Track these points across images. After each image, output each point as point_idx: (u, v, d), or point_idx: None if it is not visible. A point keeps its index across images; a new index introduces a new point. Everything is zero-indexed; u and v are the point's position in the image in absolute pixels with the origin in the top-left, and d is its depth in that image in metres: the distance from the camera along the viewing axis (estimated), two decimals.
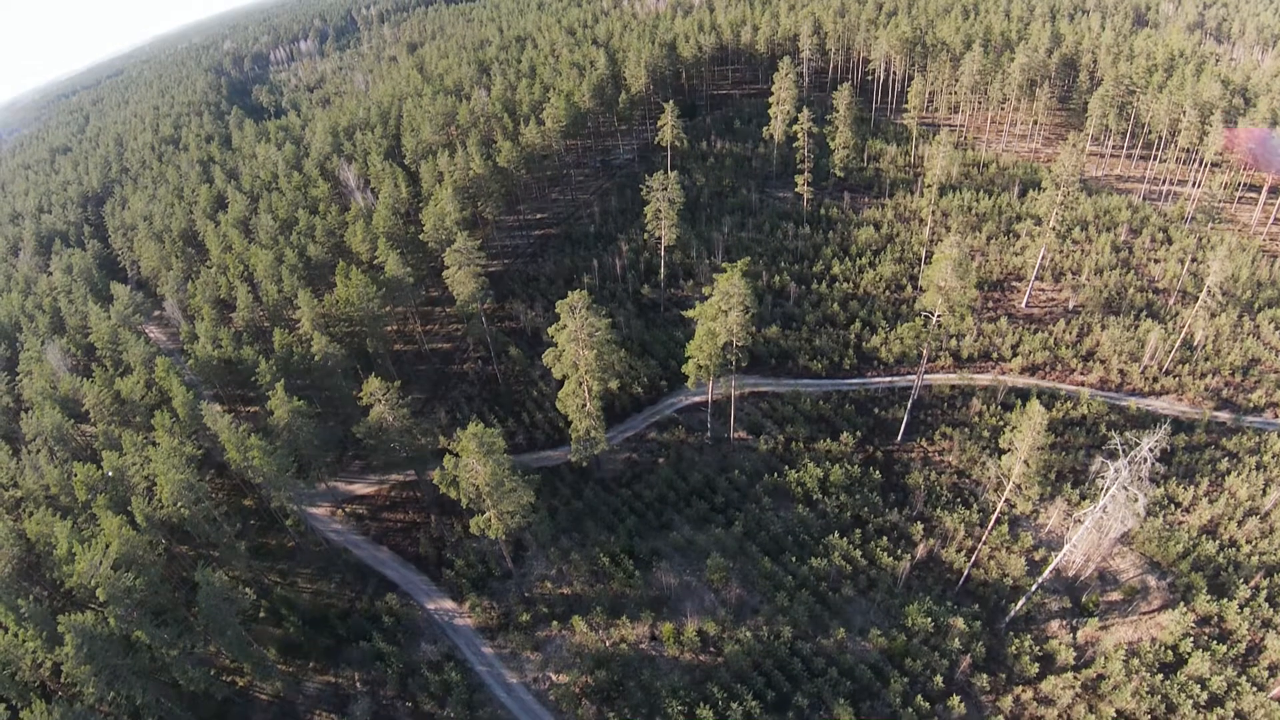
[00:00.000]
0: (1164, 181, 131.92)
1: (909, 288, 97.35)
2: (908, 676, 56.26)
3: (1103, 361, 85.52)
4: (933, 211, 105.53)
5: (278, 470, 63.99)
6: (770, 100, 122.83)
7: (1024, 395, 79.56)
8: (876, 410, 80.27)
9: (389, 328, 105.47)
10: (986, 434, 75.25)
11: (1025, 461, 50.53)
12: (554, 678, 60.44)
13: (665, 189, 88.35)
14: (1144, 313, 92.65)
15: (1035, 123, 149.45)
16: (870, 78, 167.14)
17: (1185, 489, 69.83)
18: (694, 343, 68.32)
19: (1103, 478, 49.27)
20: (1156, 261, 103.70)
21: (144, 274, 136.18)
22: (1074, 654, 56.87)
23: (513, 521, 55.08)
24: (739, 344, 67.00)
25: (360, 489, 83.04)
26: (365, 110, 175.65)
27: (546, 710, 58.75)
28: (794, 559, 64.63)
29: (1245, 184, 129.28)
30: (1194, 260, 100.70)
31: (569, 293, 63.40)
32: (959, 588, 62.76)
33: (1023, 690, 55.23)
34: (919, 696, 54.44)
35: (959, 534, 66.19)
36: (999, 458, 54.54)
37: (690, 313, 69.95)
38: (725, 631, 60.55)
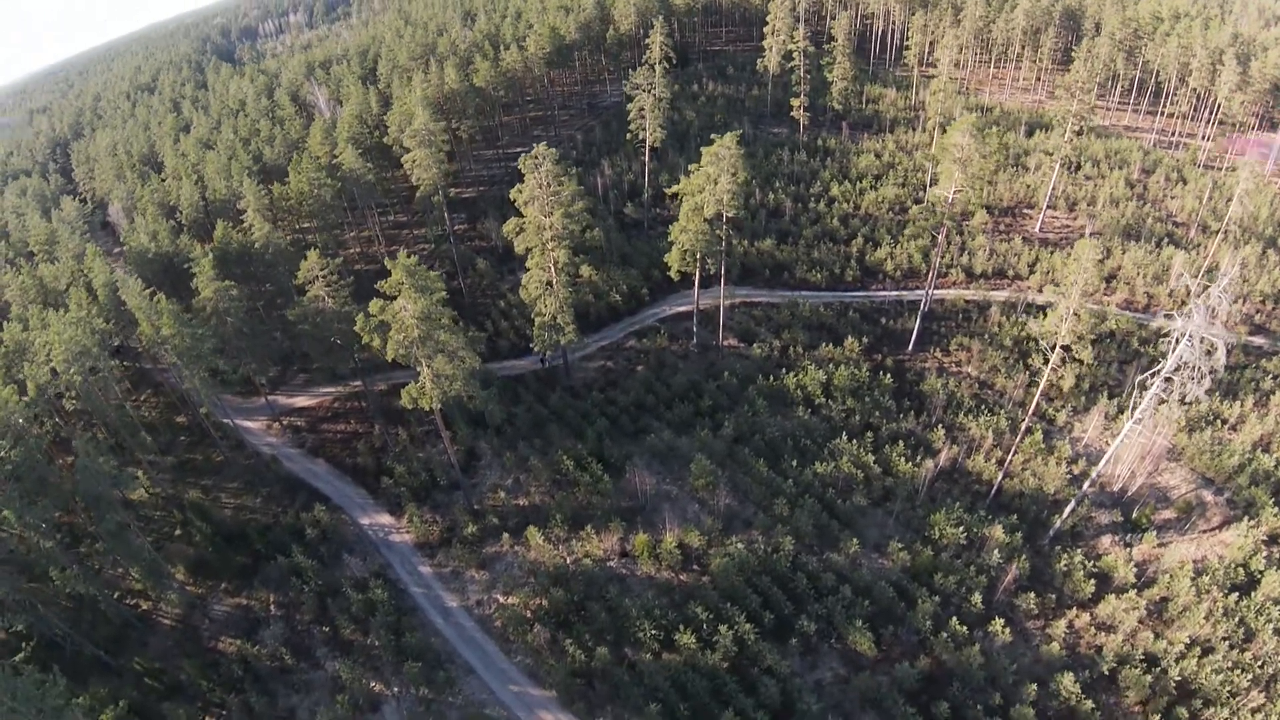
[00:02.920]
0: (1172, 133, 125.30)
1: (914, 210, 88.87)
2: (938, 596, 47.02)
3: (1128, 283, 77.73)
4: (936, 139, 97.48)
5: (192, 342, 54.15)
6: (765, 35, 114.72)
7: (1045, 311, 71.38)
8: (884, 320, 71.67)
9: (351, 251, 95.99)
10: (1009, 343, 66.84)
11: (1075, 314, 41.95)
12: (501, 599, 50.49)
13: (652, 86, 79.50)
14: (1165, 240, 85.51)
15: (1038, 78, 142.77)
16: (869, 30, 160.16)
17: (1229, 406, 61.80)
18: (678, 225, 59.44)
19: (1166, 336, 40.69)
20: (1173, 198, 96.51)
21: (98, 195, 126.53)
22: (1134, 572, 48.17)
23: (451, 388, 45.33)
24: (729, 215, 57.99)
25: (302, 401, 73.21)
26: (344, 50, 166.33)
27: (489, 637, 48.93)
28: (795, 464, 55.34)
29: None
30: (1210, 199, 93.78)
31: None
32: (990, 500, 53.92)
33: (1077, 614, 46.43)
34: (953, 619, 44.95)
35: (987, 441, 57.50)
36: (1042, 316, 45.67)
37: (675, 188, 60.93)
38: (712, 545, 51.15)
